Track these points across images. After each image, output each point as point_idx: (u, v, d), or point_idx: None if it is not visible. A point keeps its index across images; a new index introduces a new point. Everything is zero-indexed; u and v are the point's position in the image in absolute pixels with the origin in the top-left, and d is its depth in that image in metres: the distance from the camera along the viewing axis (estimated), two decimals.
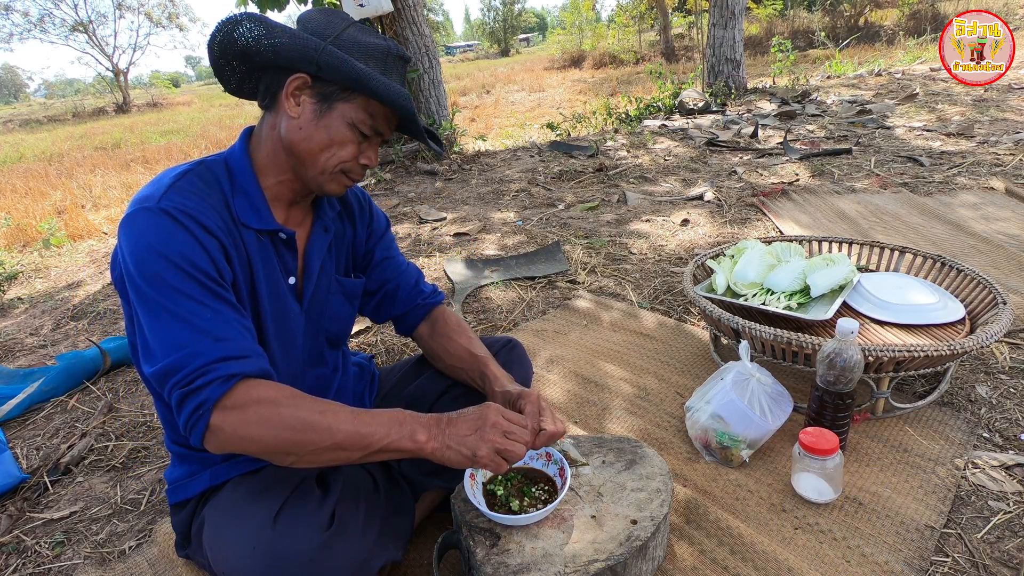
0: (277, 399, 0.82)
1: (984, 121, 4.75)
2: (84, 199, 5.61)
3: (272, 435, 0.81)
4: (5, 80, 61.38)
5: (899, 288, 1.63)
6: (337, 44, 0.90)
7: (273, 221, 0.97)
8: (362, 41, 0.92)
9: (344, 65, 0.88)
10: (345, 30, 0.92)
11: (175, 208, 0.85)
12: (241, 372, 0.81)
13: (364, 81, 0.88)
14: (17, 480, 1.56)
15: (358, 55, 0.91)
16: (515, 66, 21.28)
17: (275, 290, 0.99)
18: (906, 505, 1.23)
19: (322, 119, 0.92)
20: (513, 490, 1.07)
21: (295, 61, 0.90)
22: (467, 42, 63.97)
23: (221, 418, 0.79)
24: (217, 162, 0.96)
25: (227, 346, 0.82)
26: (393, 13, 4.74)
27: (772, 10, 15.57)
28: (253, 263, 0.95)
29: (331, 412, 0.84)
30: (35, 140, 13.22)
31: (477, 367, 1.16)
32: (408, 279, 1.25)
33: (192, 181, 0.91)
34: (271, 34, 0.89)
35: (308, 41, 0.89)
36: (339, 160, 0.95)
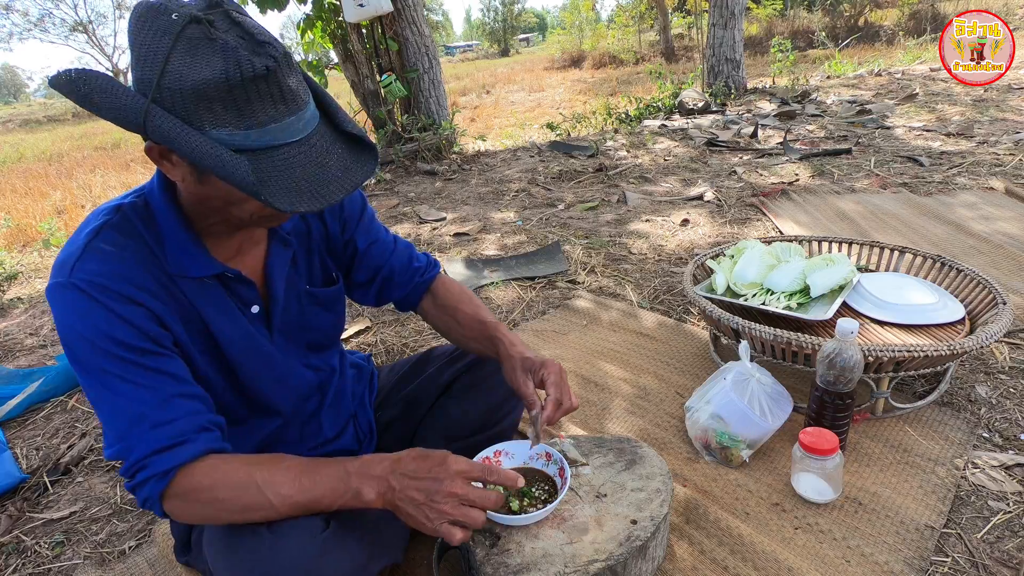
0: (213, 484, 0.80)
1: (984, 121, 4.75)
2: (84, 199, 5.61)
3: (221, 518, 0.83)
4: (5, 80, 61.40)
5: (899, 288, 1.63)
6: (162, 98, 0.68)
7: (213, 264, 0.88)
8: (191, 82, 0.67)
9: (172, 141, 0.68)
10: (168, 64, 0.67)
11: (86, 282, 0.78)
12: (176, 463, 0.79)
13: (198, 162, 0.69)
14: (17, 480, 1.56)
15: (194, 106, 0.68)
16: (515, 66, 21.28)
17: (236, 326, 0.93)
18: (906, 505, 1.23)
19: (203, 180, 0.76)
20: (513, 490, 1.07)
21: (135, 130, 0.71)
22: (467, 42, 63.97)
23: (170, 506, 0.81)
24: (136, 205, 0.85)
25: (163, 433, 0.79)
26: (393, 13, 4.74)
27: (772, 10, 15.57)
28: (200, 310, 0.89)
29: (271, 486, 0.80)
30: (35, 140, 13.23)
31: (487, 335, 1.13)
32: (400, 259, 1.18)
33: (109, 237, 0.82)
34: (101, 100, 0.70)
35: (130, 110, 0.69)
36: (249, 213, 0.81)
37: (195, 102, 0.68)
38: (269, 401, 1.03)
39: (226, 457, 0.83)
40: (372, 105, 5.12)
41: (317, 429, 1.12)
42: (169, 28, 0.67)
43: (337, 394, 1.16)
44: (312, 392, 1.10)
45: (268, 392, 1.01)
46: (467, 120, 8.51)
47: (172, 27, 0.67)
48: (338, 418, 1.16)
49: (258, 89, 0.69)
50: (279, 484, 0.81)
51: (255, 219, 0.83)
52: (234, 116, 0.69)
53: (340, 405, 1.16)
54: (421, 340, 2.16)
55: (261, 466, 0.83)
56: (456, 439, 1.19)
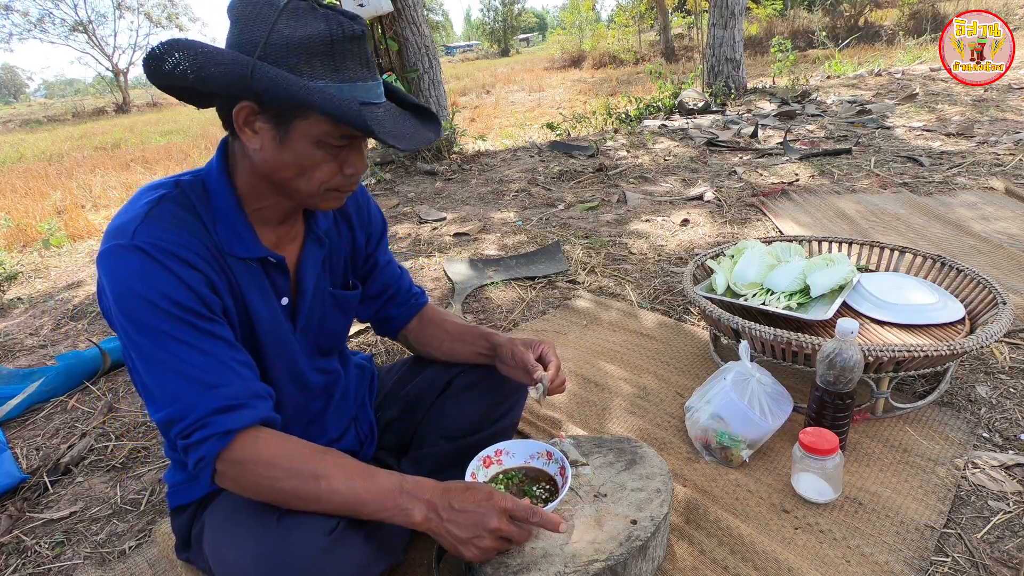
0: (274, 460, 0.81)
1: (984, 121, 4.75)
2: (84, 199, 5.61)
3: (269, 496, 0.83)
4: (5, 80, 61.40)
5: (899, 288, 1.63)
6: (268, 54, 0.76)
7: (260, 248, 0.91)
8: (297, 39, 0.76)
9: (279, 87, 0.75)
10: (275, 27, 0.76)
11: (149, 244, 0.80)
12: (238, 426, 0.80)
13: (306, 102, 0.76)
14: (17, 480, 1.56)
15: (296, 59, 0.77)
16: (515, 66, 21.28)
17: (271, 315, 0.96)
18: (906, 505, 1.23)
19: (285, 145, 0.82)
20: (514, 489, 1.07)
21: (230, 89, 0.78)
22: (467, 42, 63.96)
23: (223, 469, 0.81)
24: (194, 184, 0.89)
25: (221, 394, 0.80)
26: (393, 13, 4.74)
27: (772, 10, 15.56)
28: (244, 291, 0.91)
29: (326, 479, 0.82)
30: (35, 140, 13.23)
31: (479, 334, 1.19)
32: (404, 282, 1.25)
33: (168, 208, 0.84)
34: (197, 65, 0.77)
35: (235, 65, 0.76)
36: (319, 182, 0.86)
37: (298, 55, 0.77)
38: (284, 399, 1.03)
39: (285, 436, 0.84)
40: None
41: (321, 430, 1.12)
42: (275, 2, 0.78)
43: (343, 395, 1.17)
44: (319, 393, 1.11)
45: (280, 386, 1.02)
46: (467, 120, 8.51)
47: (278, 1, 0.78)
48: (342, 419, 1.16)
49: (352, 50, 0.80)
50: (334, 478, 0.82)
51: (320, 192, 0.87)
52: (330, 70, 0.78)
53: (344, 406, 1.17)
54: None
55: (320, 455, 0.84)
56: (455, 438, 1.19)
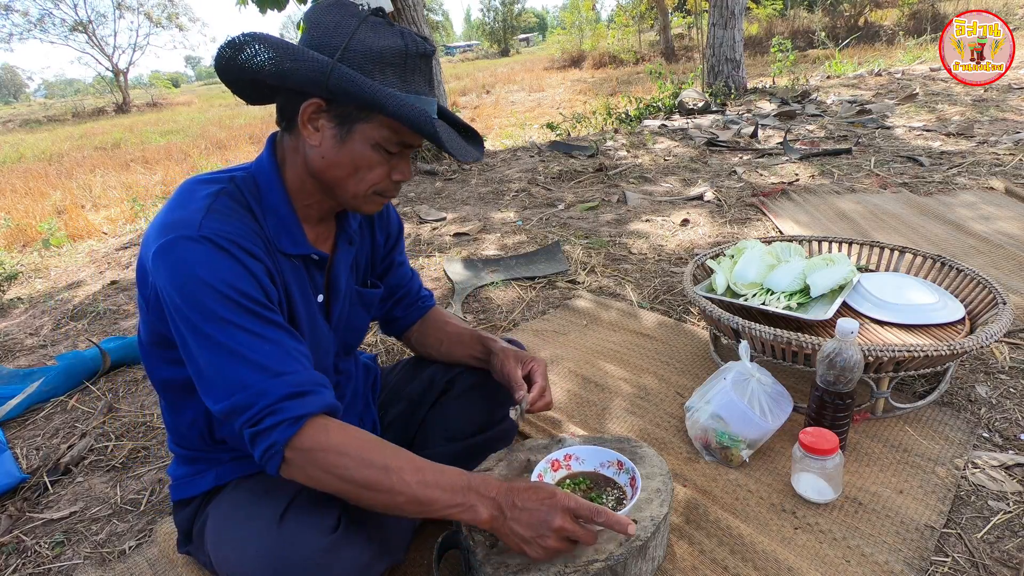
0: (345, 449, 0.81)
1: (984, 121, 4.75)
2: (84, 199, 5.61)
3: (336, 486, 0.83)
4: (5, 80, 61.38)
5: (899, 288, 1.63)
6: (347, 58, 0.82)
7: (308, 245, 0.95)
8: (376, 48, 0.82)
9: (356, 87, 0.80)
10: (355, 35, 0.82)
11: (217, 235, 0.82)
12: (309, 412, 0.81)
13: (380, 104, 0.81)
14: (17, 480, 1.56)
15: (372, 66, 0.82)
16: (515, 66, 21.28)
17: (310, 311, 0.98)
18: (906, 505, 1.23)
19: (344, 144, 0.87)
20: (581, 495, 1.06)
21: (305, 85, 0.83)
22: (467, 42, 63.96)
23: (292, 457, 0.81)
24: (246, 180, 0.92)
25: (290, 381, 0.81)
26: (393, 13, 4.74)
27: (772, 10, 15.57)
28: (289, 287, 0.94)
29: (396, 471, 0.81)
30: (35, 140, 13.23)
31: (478, 339, 1.21)
32: (414, 284, 1.27)
33: (226, 203, 0.87)
34: (276, 58, 0.81)
35: (315, 63, 0.80)
36: (369, 184, 0.90)
37: (373, 63, 0.83)
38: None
39: (353, 427, 0.85)
40: None
41: None
42: (356, 13, 0.85)
43: (353, 395, 1.18)
44: (339, 394, 1.12)
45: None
46: (467, 120, 8.50)
47: (359, 13, 0.85)
48: (350, 419, 1.16)
49: (420, 66, 0.87)
50: (404, 471, 0.82)
51: (366, 194, 0.91)
52: (400, 81, 0.85)
53: (353, 406, 1.18)
54: None
55: (390, 448, 0.85)
56: (457, 439, 1.19)
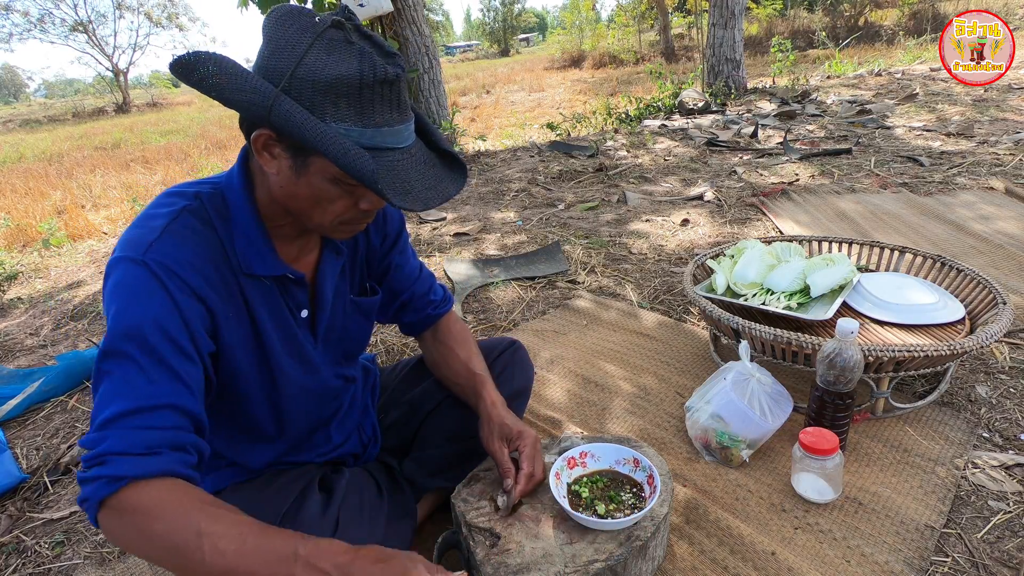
0: (151, 512, 0.70)
1: (984, 121, 4.75)
2: (84, 199, 5.61)
3: (146, 551, 0.72)
4: (5, 80, 61.39)
5: (899, 288, 1.63)
6: (293, 87, 0.72)
7: (281, 266, 0.89)
8: (325, 77, 0.71)
9: (295, 128, 0.71)
10: (304, 59, 0.72)
11: (157, 263, 0.77)
12: (132, 475, 0.70)
13: (319, 149, 0.71)
14: (17, 480, 1.56)
15: (322, 98, 0.72)
16: (515, 66, 21.28)
17: (285, 332, 0.94)
18: (906, 505, 1.23)
19: (301, 176, 0.79)
20: (599, 493, 1.07)
21: (251, 117, 0.76)
22: (467, 42, 63.95)
23: (104, 517, 0.71)
24: (213, 196, 0.86)
25: (142, 437, 0.72)
26: (393, 13, 4.74)
27: (772, 10, 15.57)
28: (254, 310, 0.89)
29: (211, 537, 0.69)
30: (35, 140, 13.23)
31: (473, 386, 1.13)
32: (422, 287, 1.20)
33: (188, 222, 0.82)
34: (222, 84, 0.72)
35: (257, 96, 0.72)
36: (333, 215, 0.83)
37: (323, 95, 0.72)
38: (293, 414, 1.01)
39: (186, 487, 0.73)
40: None
41: (326, 437, 1.11)
42: (311, 27, 0.73)
43: (352, 402, 1.16)
44: (334, 401, 1.10)
45: (296, 401, 1.00)
46: (467, 120, 8.51)
47: (315, 27, 0.73)
48: (347, 424, 1.16)
49: (382, 93, 0.74)
50: (221, 537, 0.70)
51: (332, 224, 0.84)
52: (356, 114, 0.74)
53: (352, 413, 1.17)
54: None
55: (213, 510, 0.72)
56: (457, 440, 1.19)
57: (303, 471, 1.04)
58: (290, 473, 1.03)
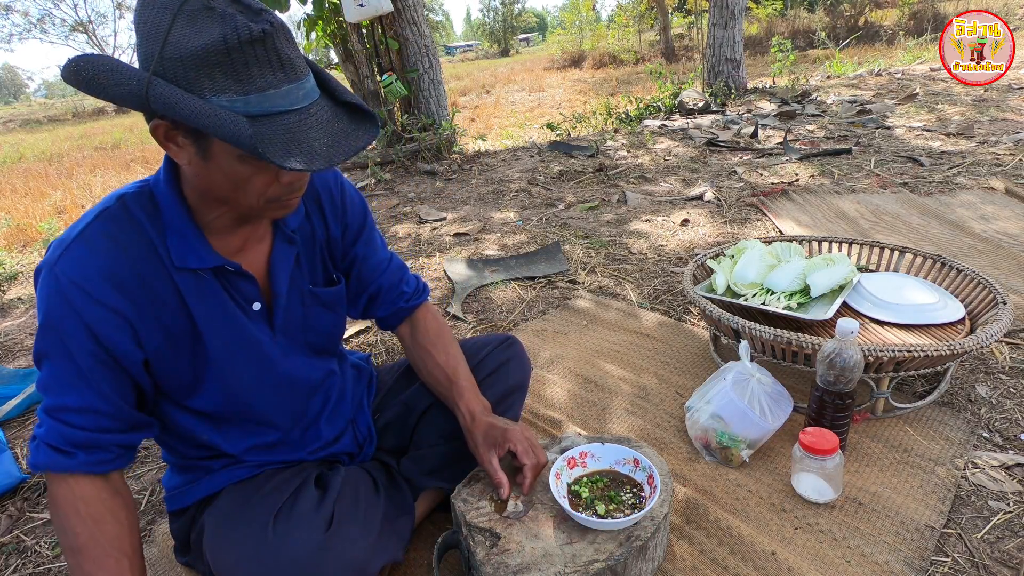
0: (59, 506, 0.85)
1: (984, 121, 4.75)
2: (84, 199, 5.60)
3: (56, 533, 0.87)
4: (5, 80, 61.39)
5: (899, 288, 1.63)
6: (164, 69, 0.70)
7: (214, 257, 0.88)
8: (191, 49, 0.69)
9: (171, 108, 0.70)
10: (168, 37, 0.69)
11: (65, 277, 0.80)
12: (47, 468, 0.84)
13: (197, 125, 0.70)
14: (17, 480, 1.56)
15: (194, 72, 0.70)
16: (515, 66, 21.28)
17: (231, 326, 0.92)
18: (906, 505, 1.23)
19: (209, 160, 0.77)
20: (599, 493, 1.07)
21: (138, 108, 0.73)
22: (467, 42, 63.96)
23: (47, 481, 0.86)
24: (140, 196, 0.86)
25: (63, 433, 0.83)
26: (393, 13, 4.74)
27: (772, 10, 15.56)
28: (191, 308, 0.88)
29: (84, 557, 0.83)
30: (35, 140, 13.22)
31: (451, 396, 1.13)
32: (390, 279, 1.17)
33: (103, 227, 0.83)
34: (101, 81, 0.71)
35: (131, 85, 0.70)
36: (256, 194, 0.81)
37: (195, 69, 0.69)
38: (263, 413, 1.01)
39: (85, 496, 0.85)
40: (372, 105, 5.11)
41: (316, 434, 1.11)
42: (170, 4, 0.70)
43: (339, 397, 1.15)
44: (314, 395, 1.09)
45: (262, 403, 1.00)
46: (467, 120, 8.51)
47: (173, 3, 0.70)
48: (338, 421, 1.15)
49: (255, 54, 0.70)
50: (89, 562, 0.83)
51: (262, 204, 0.83)
52: (233, 82, 0.70)
53: (341, 408, 1.16)
54: None
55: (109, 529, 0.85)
56: (454, 439, 1.19)
57: (298, 469, 1.05)
58: (286, 472, 1.03)
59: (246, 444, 1.02)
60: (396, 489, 1.12)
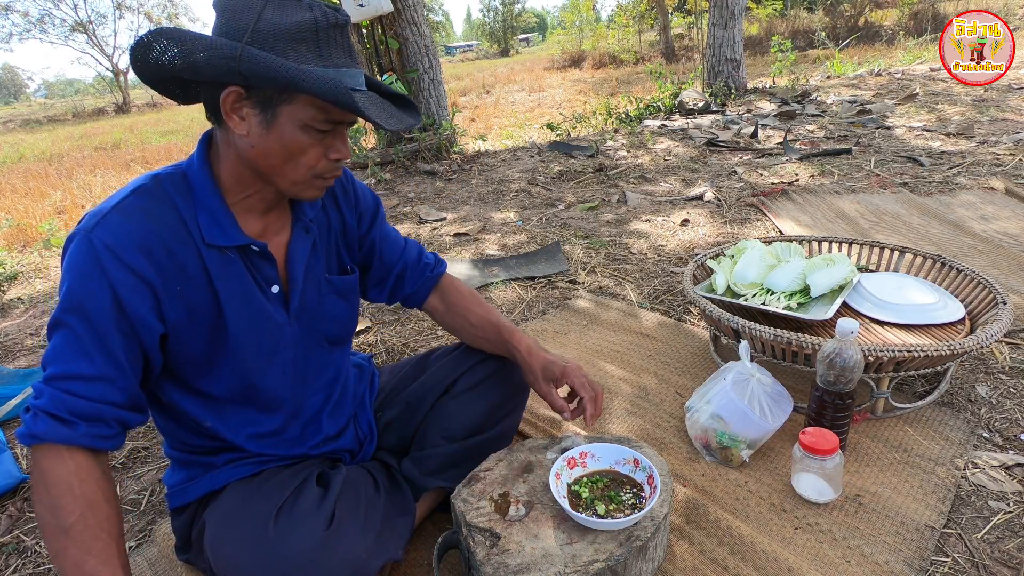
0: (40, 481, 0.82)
1: (984, 121, 4.75)
2: (84, 199, 5.60)
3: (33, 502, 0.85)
4: (5, 80, 61.40)
5: (899, 288, 1.63)
6: (256, 40, 0.79)
7: (242, 236, 0.92)
8: (284, 25, 0.79)
9: (268, 69, 0.77)
10: (262, 15, 0.79)
11: (100, 242, 0.82)
12: (45, 438, 0.81)
13: (295, 83, 0.77)
14: (17, 480, 1.56)
15: (284, 45, 0.79)
16: (515, 66, 21.28)
17: (250, 305, 0.95)
18: (906, 505, 1.23)
19: (271, 130, 0.84)
20: (599, 493, 1.07)
21: (219, 74, 0.80)
22: (467, 42, 63.97)
23: (31, 457, 0.84)
24: (173, 175, 0.90)
25: (67, 404, 0.82)
26: (393, 13, 4.74)
27: (772, 10, 15.56)
28: (217, 285, 0.91)
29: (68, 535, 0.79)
30: (35, 140, 13.22)
31: (501, 339, 1.20)
32: (411, 255, 1.23)
33: (138, 202, 0.86)
34: (185, 51, 0.79)
35: (224, 49, 0.78)
36: (306, 167, 0.88)
37: (286, 42, 0.80)
38: (269, 396, 1.02)
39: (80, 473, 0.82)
40: None
41: (317, 429, 1.11)
42: None
43: (342, 393, 1.16)
44: (319, 388, 1.10)
45: (270, 384, 1.00)
46: (467, 120, 8.51)
47: None
48: (340, 417, 1.16)
49: (335, 38, 0.83)
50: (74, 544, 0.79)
51: (306, 179, 0.89)
52: (316, 56, 0.82)
53: (343, 405, 1.17)
54: (421, 340, 2.16)
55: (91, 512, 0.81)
56: (456, 439, 1.19)
57: (300, 467, 1.05)
58: (287, 470, 1.04)
59: (248, 431, 1.03)
60: (397, 489, 1.13)
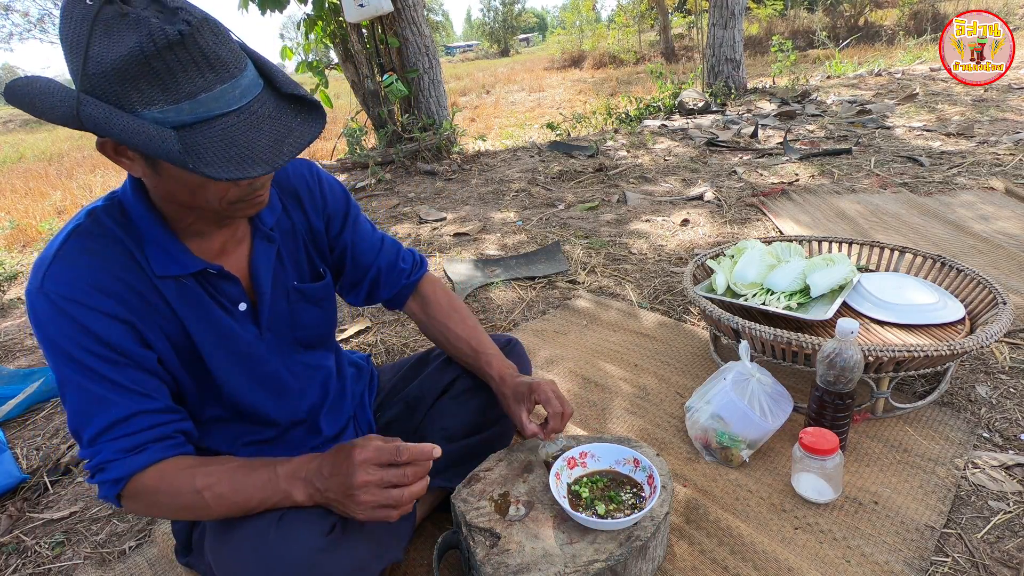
0: (157, 490, 0.84)
1: (984, 121, 4.75)
2: (84, 199, 5.61)
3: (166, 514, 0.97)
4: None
5: (899, 288, 1.63)
6: (93, 86, 0.66)
7: (195, 262, 0.87)
8: (111, 63, 0.65)
9: (104, 127, 0.67)
10: (89, 51, 0.65)
11: (55, 292, 0.79)
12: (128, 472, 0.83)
13: (127, 143, 0.68)
14: (17, 480, 1.56)
15: (119, 88, 0.66)
16: (515, 66, 21.27)
17: (217, 330, 0.93)
18: (906, 505, 1.23)
19: (160, 172, 0.75)
20: (599, 493, 1.07)
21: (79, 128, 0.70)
22: (467, 42, 63.95)
23: (125, 504, 0.87)
24: (109, 208, 0.85)
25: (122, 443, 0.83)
26: (393, 13, 4.74)
27: (772, 10, 15.56)
28: (180, 315, 0.89)
29: (207, 489, 0.84)
30: (35, 140, 13.22)
31: (479, 366, 1.18)
32: (387, 258, 1.17)
33: (80, 243, 0.82)
34: (37, 110, 0.69)
35: (64, 105, 0.67)
36: (216, 199, 0.79)
37: (120, 83, 0.66)
38: (259, 410, 1.02)
39: (177, 462, 0.86)
40: (372, 105, 5.12)
41: (315, 431, 1.11)
42: (86, 14, 0.65)
43: (339, 394, 1.15)
44: (307, 391, 1.09)
45: (257, 400, 1.01)
46: (467, 120, 8.51)
47: (88, 12, 0.65)
48: (338, 418, 1.16)
49: (177, 58, 0.66)
50: (216, 485, 0.84)
51: (225, 206, 0.81)
52: (160, 91, 0.67)
53: (340, 405, 1.16)
54: (421, 340, 2.16)
55: (205, 468, 0.86)
56: (455, 439, 1.19)
57: None
58: None
59: (243, 440, 1.03)
60: None
